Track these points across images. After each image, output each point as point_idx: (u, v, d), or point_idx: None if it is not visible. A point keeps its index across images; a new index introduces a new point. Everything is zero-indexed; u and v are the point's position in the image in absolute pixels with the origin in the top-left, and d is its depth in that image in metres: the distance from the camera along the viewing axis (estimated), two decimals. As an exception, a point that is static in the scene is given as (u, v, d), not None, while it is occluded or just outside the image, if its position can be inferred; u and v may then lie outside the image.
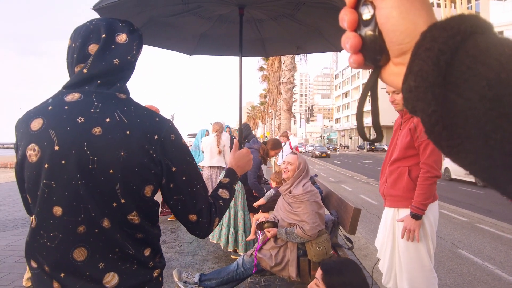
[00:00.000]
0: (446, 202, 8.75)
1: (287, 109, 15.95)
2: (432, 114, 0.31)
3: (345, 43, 0.38)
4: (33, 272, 0.94)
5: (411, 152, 2.26)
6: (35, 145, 0.89)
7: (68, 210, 0.87)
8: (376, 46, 0.36)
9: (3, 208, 6.99)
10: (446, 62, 0.30)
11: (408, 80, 0.32)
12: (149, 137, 0.91)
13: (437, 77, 0.30)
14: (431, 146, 2.16)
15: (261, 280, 3.43)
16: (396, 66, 0.36)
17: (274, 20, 2.41)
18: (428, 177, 2.16)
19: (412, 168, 2.25)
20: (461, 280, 3.78)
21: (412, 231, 2.17)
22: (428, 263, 2.25)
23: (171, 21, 2.37)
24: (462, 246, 5.03)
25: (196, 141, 5.93)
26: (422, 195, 2.15)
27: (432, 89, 0.30)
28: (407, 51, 0.34)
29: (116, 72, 0.96)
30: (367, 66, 0.39)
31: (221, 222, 4.04)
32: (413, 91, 0.32)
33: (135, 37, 0.99)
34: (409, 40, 0.33)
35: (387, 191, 2.38)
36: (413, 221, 2.17)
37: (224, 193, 1.15)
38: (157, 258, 1.02)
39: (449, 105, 0.30)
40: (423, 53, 0.31)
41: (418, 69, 0.31)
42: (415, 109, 0.32)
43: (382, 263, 2.49)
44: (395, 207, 2.35)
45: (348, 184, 12.65)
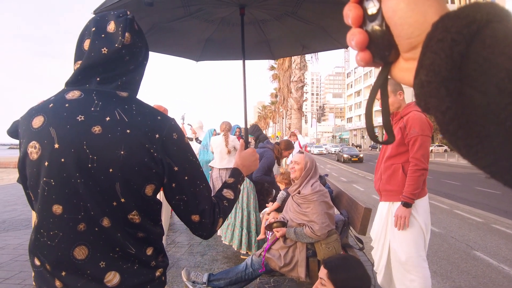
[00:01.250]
0: (461, 202, 8.57)
1: (298, 108, 15.88)
2: (446, 111, 0.28)
3: (351, 41, 0.35)
4: (36, 270, 0.94)
5: (402, 149, 2.46)
6: (36, 143, 0.88)
7: (68, 208, 0.87)
8: (384, 41, 0.34)
9: (16, 208, 7.16)
10: (460, 54, 0.27)
11: (419, 75, 0.30)
12: (150, 135, 0.89)
13: (451, 70, 0.27)
14: (418, 142, 2.37)
15: (270, 280, 3.41)
16: (406, 62, 0.34)
17: (277, 20, 2.38)
18: (416, 170, 2.37)
19: (405, 165, 2.47)
20: (476, 283, 3.68)
21: (403, 217, 2.40)
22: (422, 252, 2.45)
23: (175, 26, 2.36)
24: (477, 248, 4.90)
25: (204, 140, 5.90)
26: (411, 186, 2.37)
27: (446, 83, 0.27)
28: (418, 44, 0.31)
29: (110, 65, 0.93)
30: (376, 63, 0.36)
31: (233, 223, 4.04)
32: (425, 86, 0.29)
33: (120, 21, 0.94)
34: (419, 33, 0.31)
35: (383, 187, 2.58)
36: (403, 209, 2.40)
37: (229, 193, 1.13)
38: (160, 257, 1.01)
39: (465, 101, 0.27)
40: (435, 45, 0.28)
41: (430, 63, 0.28)
42: (428, 106, 0.30)
43: (375, 251, 2.70)
44: (390, 201, 2.56)
45: (360, 184, 12.51)
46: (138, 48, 0.98)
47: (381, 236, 2.62)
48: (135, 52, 0.97)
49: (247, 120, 2.13)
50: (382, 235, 2.61)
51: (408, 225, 2.41)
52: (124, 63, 0.95)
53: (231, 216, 4.09)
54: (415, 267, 2.40)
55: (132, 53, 0.96)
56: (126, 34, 0.93)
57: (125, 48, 0.93)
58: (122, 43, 0.92)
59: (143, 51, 1.01)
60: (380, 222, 2.64)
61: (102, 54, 0.92)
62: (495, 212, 7.43)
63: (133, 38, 0.95)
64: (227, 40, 2.71)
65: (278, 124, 48.09)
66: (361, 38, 0.35)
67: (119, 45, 0.92)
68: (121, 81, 0.95)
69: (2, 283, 3.38)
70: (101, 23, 0.94)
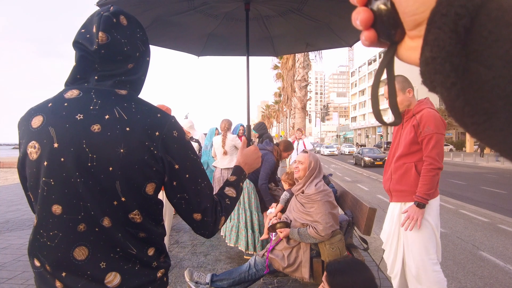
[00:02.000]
0: (467, 202, 8.49)
1: (302, 108, 15.83)
2: (451, 87, 0.27)
3: (355, 19, 0.35)
4: (36, 271, 0.94)
5: (415, 147, 2.37)
6: (35, 143, 0.88)
7: (68, 208, 0.86)
8: (390, 19, 0.33)
9: (20, 208, 7.20)
10: (465, 28, 0.26)
11: (424, 52, 0.29)
12: (150, 133, 0.88)
13: (456, 45, 0.26)
14: (433, 140, 2.28)
15: (274, 281, 3.39)
16: (412, 40, 0.33)
17: (281, 16, 2.35)
18: (431, 169, 2.28)
19: (418, 163, 2.37)
20: (482, 283, 3.64)
21: (415, 219, 2.30)
22: (433, 255, 2.35)
23: (177, 20, 2.34)
24: (484, 248, 4.85)
25: (206, 140, 5.81)
26: (426, 186, 2.28)
27: (451, 59, 0.27)
28: (423, 21, 0.30)
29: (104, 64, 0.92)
30: (381, 43, 0.35)
31: (237, 225, 4.02)
32: (430, 63, 0.28)
33: (96, 20, 0.91)
34: (424, 9, 0.30)
35: (393, 187, 2.49)
36: (417, 210, 2.30)
37: (231, 191, 1.11)
38: (162, 258, 1.00)
39: (471, 76, 0.26)
40: (439, 20, 0.27)
41: (434, 38, 0.27)
42: (434, 84, 0.29)
43: (387, 254, 2.59)
44: (402, 201, 2.46)
45: (364, 184, 12.46)
46: (127, 45, 0.93)
47: (394, 238, 2.52)
48: (124, 50, 0.92)
49: (249, 118, 2.10)
50: (394, 237, 2.51)
51: (419, 226, 2.31)
52: (118, 62, 0.93)
53: (235, 218, 4.07)
54: (426, 270, 2.32)
55: (119, 51, 0.92)
56: (100, 34, 0.89)
57: (103, 48, 0.90)
58: (97, 44, 0.89)
59: (138, 47, 0.96)
60: (392, 224, 2.53)
61: (89, 55, 0.91)
62: (501, 212, 7.35)
63: (111, 36, 0.90)
64: (230, 36, 2.69)
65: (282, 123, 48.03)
66: (366, 16, 0.34)
67: (95, 46, 0.89)
68: (120, 79, 0.93)
69: (5, 283, 3.39)
70: (88, 23, 0.93)
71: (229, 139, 4.92)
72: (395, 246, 2.50)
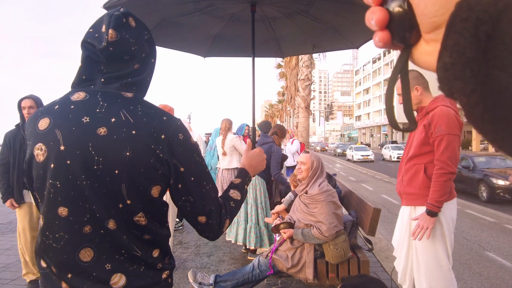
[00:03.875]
0: (473, 202, 8.42)
1: (305, 107, 15.77)
2: (471, 94, 0.27)
3: (370, 19, 0.33)
4: (42, 272, 0.94)
5: (426, 148, 2.22)
6: (42, 145, 0.89)
7: (74, 210, 0.87)
8: (405, 21, 0.32)
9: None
10: (486, 34, 0.25)
11: (443, 57, 0.28)
12: (155, 136, 0.89)
13: (476, 51, 0.26)
14: (445, 142, 2.11)
15: (278, 282, 3.38)
16: (428, 44, 0.32)
17: (288, 18, 2.35)
18: (442, 174, 2.11)
19: (428, 165, 2.21)
20: (488, 284, 3.61)
21: (425, 228, 2.12)
22: (446, 263, 2.20)
23: (184, 21, 2.34)
24: (490, 248, 4.81)
25: (210, 141, 5.75)
26: (437, 192, 2.10)
27: (471, 65, 0.26)
28: (441, 24, 0.29)
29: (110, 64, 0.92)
30: (395, 45, 0.34)
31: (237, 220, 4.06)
32: (449, 69, 0.28)
33: (106, 18, 0.92)
34: (443, 11, 0.29)
35: (403, 189, 2.34)
36: (428, 218, 2.12)
37: (236, 194, 1.11)
38: (166, 259, 1.01)
39: (491, 83, 0.26)
40: (459, 25, 0.26)
41: (454, 43, 0.27)
42: (452, 90, 0.28)
43: (398, 261, 2.45)
44: (411, 205, 2.31)
45: (369, 184, 12.40)
46: (134, 45, 0.94)
47: (404, 245, 2.37)
48: (132, 50, 0.93)
49: (254, 120, 2.09)
50: (404, 244, 2.36)
51: (428, 236, 2.13)
52: (125, 62, 0.93)
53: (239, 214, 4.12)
54: (437, 278, 2.19)
55: (127, 51, 0.93)
56: (110, 31, 0.90)
57: (112, 45, 0.90)
58: (107, 41, 0.90)
59: (145, 48, 0.97)
60: (402, 229, 2.39)
61: (98, 52, 0.91)
62: (508, 212, 7.29)
63: (121, 34, 0.91)
64: (235, 37, 2.69)
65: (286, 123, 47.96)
66: (382, 16, 0.33)
67: (104, 43, 0.90)
68: (127, 81, 0.94)
69: (8, 284, 3.42)
70: (98, 24, 0.94)
71: (228, 140, 4.89)
72: (405, 253, 2.35)
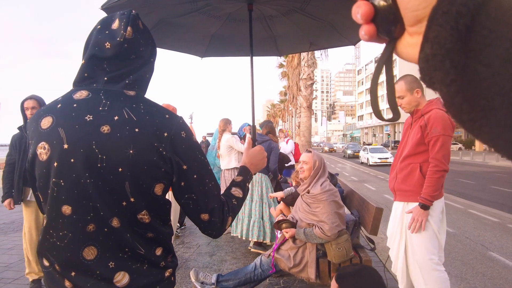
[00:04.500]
0: (476, 202, 8.38)
1: (307, 106, 15.74)
2: (451, 84, 0.28)
3: (356, 13, 0.35)
4: (45, 270, 0.95)
5: (421, 148, 2.37)
6: (45, 143, 0.89)
7: (77, 209, 0.87)
8: (390, 15, 0.33)
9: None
10: (465, 26, 0.27)
11: (424, 49, 0.30)
12: (158, 134, 0.89)
13: (456, 43, 0.27)
14: (440, 142, 2.27)
15: (280, 281, 3.38)
16: (411, 37, 0.33)
17: (284, 16, 2.34)
18: (436, 171, 2.28)
19: (423, 164, 2.37)
20: (491, 284, 3.59)
21: (420, 220, 2.31)
22: (435, 255, 2.36)
23: (181, 21, 2.34)
24: (493, 248, 4.78)
25: (212, 141, 5.73)
26: (431, 187, 2.28)
27: (450, 56, 0.27)
28: (424, 18, 0.30)
29: (115, 62, 0.93)
30: (380, 38, 0.36)
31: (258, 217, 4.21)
32: (430, 60, 0.29)
33: (124, 17, 0.95)
34: (425, 5, 0.30)
35: (398, 186, 2.50)
36: (421, 211, 2.31)
37: (237, 191, 1.12)
38: (169, 257, 1.01)
39: (470, 74, 0.27)
40: (440, 18, 0.28)
41: (435, 35, 0.28)
42: (433, 80, 0.30)
43: (391, 251, 2.63)
44: (405, 201, 2.47)
45: (372, 184, 12.36)
46: (143, 46, 0.97)
47: (396, 237, 2.55)
48: (140, 50, 0.96)
49: (254, 118, 2.09)
50: (397, 236, 2.54)
51: (424, 228, 2.33)
52: (130, 61, 0.95)
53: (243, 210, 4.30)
54: (427, 270, 2.34)
55: (136, 50, 0.95)
56: (128, 28, 0.93)
57: (127, 42, 0.93)
58: (123, 37, 0.92)
59: (149, 49, 1.00)
60: (395, 222, 2.56)
61: (106, 49, 0.92)
62: (511, 211, 7.24)
63: (135, 34, 0.94)
64: (233, 36, 2.68)
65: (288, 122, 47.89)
66: (367, 10, 0.34)
67: (120, 38, 0.92)
68: (129, 80, 0.95)
69: (11, 283, 3.43)
70: (107, 22, 0.95)
71: (223, 140, 4.89)
72: (397, 244, 2.53)
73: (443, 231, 2.42)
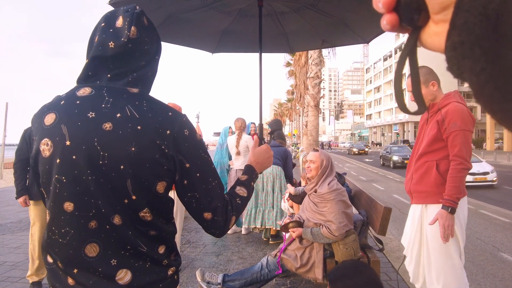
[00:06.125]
0: (487, 202, 8.24)
1: (315, 105, 15.65)
2: (480, 73, 0.26)
3: (377, 2, 0.33)
4: (48, 267, 0.95)
5: (438, 145, 2.17)
6: (48, 140, 0.89)
7: (79, 205, 0.87)
8: (413, 3, 0.32)
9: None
10: (495, 11, 0.25)
11: (451, 37, 0.28)
12: (161, 132, 0.89)
13: (486, 28, 0.25)
14: (461, 138, 2.07)
15: (287, 282, 3.35)
16: (437, 25, 0.32)
17: (296, 12, 2.31)
18: (461, 169, 2.07)
19: (441, 162, 2.17)
20: (502, 286, 3.52)
21: (449, 227, 2.05)
22: (458, 262, 2.16)
23: (191, 17, 2.33)
24: (504, 249, 4.69)
25: (220, 139, 5.70)
26: (456, 188, 2.06)
27: (480, 43, 0.26)
28: (450, 4, 0.29)
29: (119, 60, 0.93)
30: (403, 28, 0.34)
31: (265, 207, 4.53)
32: (458, 48, 0.28)
33: (127, 15, 0.93)
34: None
35: (414, 188, 2.29)
36: (449, 216, 2.06)
37: (242, 190, 1.10)
38: (172, 256, 1.00)
39: (502, 62, 0.25)
40: (468, 3, 0.26)
41: (463, 22, 0.27)
42: (461, 70, 0.28)
43: (408, 261, 2.40)
44: (423, 203, 2.26)
45: (380, 183, 12.25)
46: (148, 44, 0.96)
47: (415, 243, 2.31)
48: (145, 48, 0.95)
49: (262, 116, 2.07)
50: (416, 243, 2.31)
51: (452, 235, 2.07)
52: (135, 59, 0.94)
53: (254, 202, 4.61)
54: (448, 278, 2.15)
55: (140, 49, 0.94)
56: (132, 28, 0.92)
57: (131, 42, 0.92)
58: (127, 37, 0.91)
59: (154, 46, 0.99)
60: (413, 228, 2.33)
61: (109, 48, 0.92)
62: (523, 212, 7.09)
63: (140, 32, 0.93)
64: (243, 32, 2.67)
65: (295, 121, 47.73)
66: None
67: (125, 39, 0.91)
68: (132, 77, 0.94)
69: (18, 282, 3.47)
70: (111, 19, 0.95)
71: (243, 140, 4.90)
72: (417, 253, 2.30)
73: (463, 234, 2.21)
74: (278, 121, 5.67)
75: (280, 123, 5.56)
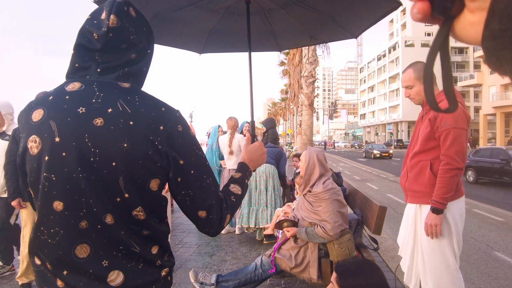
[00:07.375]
0: (481, 201, 8.31)
1: (309, 104, 15.68)
2: None
3: None
4: (36, 269, 0.92)
5: (432, 144, 2.13)
6: (36, 137, 0.86)
7: (69, 204, 0.84)
8: None
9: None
10: None
11: (491, 24, 0.26)
12: (154, 127, 0.86)
13: None
14: (451, 136, 2.03)
15: (281, 282, 3.32)
16: (473, 14, 0.29)
17: (283, 9, 2.28)
18: (448, 169, 2.03)
19: (434, 162, 2.13)
20: (496, 284, 3.54)
21: (434, 226, 2.05)
22: (453, 263, 2.14)
23: (177, 16, 2.28)
24: (498, 248, 4.72)
25: (210, 140, 5.54)
26: (442, 189, 2.03)
27: None
28: None
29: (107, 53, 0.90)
30: (434, 18, 0.31)
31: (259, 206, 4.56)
32: (498, 37, 0.25)
33: (108, 4, 0.91)
34: None
35: (409, 186, 2.27)
36: (433, 216, 2.05)
37: (236, 188, 1.09)
38: (166, 256, 0.98)
39: None
40: None
41: (504, 7, 0.24)
42: (501, 61, 0.26)
43: (403, 261, 2.37)
44: (417, 203, 2.24)
45: (374, 183, 12.29)
46: (133, 33, 0.92)
47: (409, 243, 2.29)
48: (130, 38, 0.92)
49: (253, 114, 2.03)
50: (410, 242, 2.29)
51: (440, 233, 2.06)
52: (122, 51, 0.91)
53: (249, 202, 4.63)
54: (442, 279, 2.12)
55: (125, 39, 0.91)
56: (111, 16, 0.89)
57: (112, 31, 0.88)
58: (107, 26, 0.88)
59: (143, 38, 0.96)
60: (407, 227, 2.31)
61: (94, 40, 0.89)
62: (516, 211, 7.16)
63: (122, 21, 0.90)
64: (231, 32, 2.62)
65: (289, 121, 47.79)
66: None
67: (105, 28, 0.88)
68: (123, 72, 0.92)
69: (7, 284, 3.38)
70: (96, 12, 0.92)
71: (236, 139, 4.85)
72: (410, 252, 2.28)
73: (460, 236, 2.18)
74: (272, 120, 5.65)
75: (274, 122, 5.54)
